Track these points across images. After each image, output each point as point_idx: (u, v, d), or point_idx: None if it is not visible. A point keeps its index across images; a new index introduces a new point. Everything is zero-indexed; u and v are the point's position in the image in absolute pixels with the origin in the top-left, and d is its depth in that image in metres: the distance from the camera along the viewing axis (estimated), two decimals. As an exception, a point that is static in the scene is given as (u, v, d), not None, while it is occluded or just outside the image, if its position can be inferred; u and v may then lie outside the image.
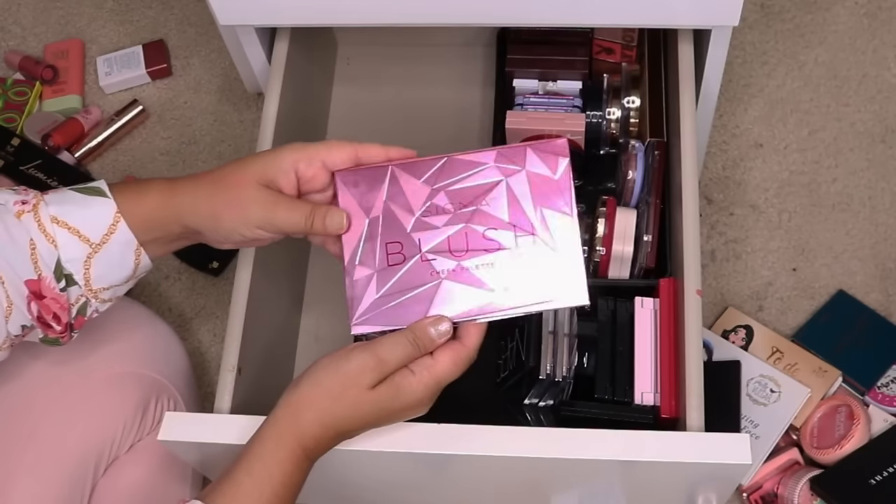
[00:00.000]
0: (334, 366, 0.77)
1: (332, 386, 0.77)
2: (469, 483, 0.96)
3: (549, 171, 0.81)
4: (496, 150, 0.82)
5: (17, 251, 0.78)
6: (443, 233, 0.81)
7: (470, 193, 0.82)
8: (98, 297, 0.83)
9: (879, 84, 1.42)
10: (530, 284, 0.80)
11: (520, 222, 0.81)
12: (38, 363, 0.96)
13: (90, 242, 0.80)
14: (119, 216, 0.81)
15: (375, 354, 0.77)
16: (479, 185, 0.82)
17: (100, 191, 0.82)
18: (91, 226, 0.80)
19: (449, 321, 0.79)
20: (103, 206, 0.81)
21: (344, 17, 1.06)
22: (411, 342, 0.78)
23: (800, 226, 1.34)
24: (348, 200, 0.83)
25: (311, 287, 1.25)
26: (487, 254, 0.80)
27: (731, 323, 1.27)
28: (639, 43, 1.17)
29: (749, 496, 1.18)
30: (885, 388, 1.20)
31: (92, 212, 0.81)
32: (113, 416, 0.99)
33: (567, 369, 0.97)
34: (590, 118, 1.13)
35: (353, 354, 0.77)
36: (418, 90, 1.35)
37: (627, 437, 0.85)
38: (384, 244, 0.81)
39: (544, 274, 0.80)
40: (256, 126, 1.30)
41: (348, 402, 0.77)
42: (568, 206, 0.81)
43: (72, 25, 1.57)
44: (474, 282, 0.80)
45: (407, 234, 0.81)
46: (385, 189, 0.82)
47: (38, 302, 0.80)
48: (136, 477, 1.02)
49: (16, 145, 1.42)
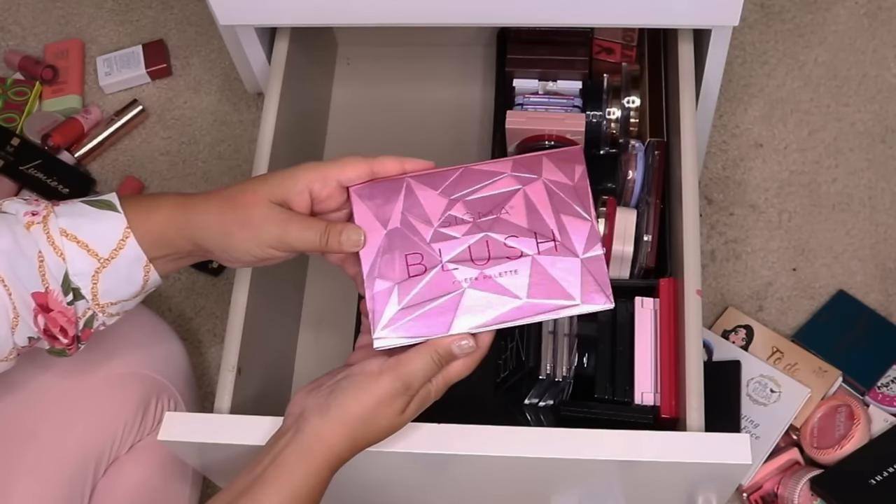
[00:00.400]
0: (365, 394, 0.77)
1: (365, 415, 0.77)
2: (469, 483, 0.96)
3: (566, 178, 0.82)
4: (512, 160, 0.83)
5: (26, 263, 0.77)
6: (463, 242, 0.81)
7: (488, 203, 0.82)
8: (105, 312, 0.82)
9: (879, 84, 1.42)
10: (555, 290, 0.80)
11: (540, 229, 0.81)
12: (46, 374, 0.96)
13: (98, 257, 0.79)
14: (129, 231, 0.80)
15: (405, 381, 0.77)
16: (497, 194, 0.82)
17: (111, 204, 0.81)
18: (100, 240, 0.79)
19: (471, 338, 0.79)
20: (113, 220, 0.80)
21: (344, 17, 1.06)
22: (436, 362, 0.78)
23: (800, 226, 1.34)
24: (364, 213, 0.82)
25: (312, 287, 1.25)
26: (510, 261, 0.80)
27: (731, 323, 1.27)
28: (639, 43, 1.17)
29: (749, 496, 1.18)
30: (885, 388, 1.20)
31: (101, 226, 0.79)
32: (113, 417, 0.99)
33: (567, 369, 0.97)
34: (590, 118, 1.13)
35: (383, 382, 0.77)
36: (418, 90, 1.35)
37: (627, 437, 0.85)
38: (404, 256, 0.81)
39: (568, 279, 0.80)
40: (256, 126, 1.30)
41: (381, 426, 0.78)
42: (587, 212, 0.81)
43: (72, 25, 1.57)
44: (498, 289, 0.80)
45: (427, 245, 0.81)
46: (401, 201, 0.82)
47: (44, 315, 0.79)
48: (136, 477, 1.02)
49: (16, 145, 1.42)
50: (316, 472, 0.76)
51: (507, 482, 0.95)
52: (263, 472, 0.75)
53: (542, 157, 0.83)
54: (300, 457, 0.76)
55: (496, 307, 0.80)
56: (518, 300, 0.80)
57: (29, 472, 0.93)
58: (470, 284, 0.80)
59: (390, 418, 0.78)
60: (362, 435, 0.77)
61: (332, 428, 0.76)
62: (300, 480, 0.75)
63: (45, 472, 0.94)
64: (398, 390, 0.77)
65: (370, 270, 0.81)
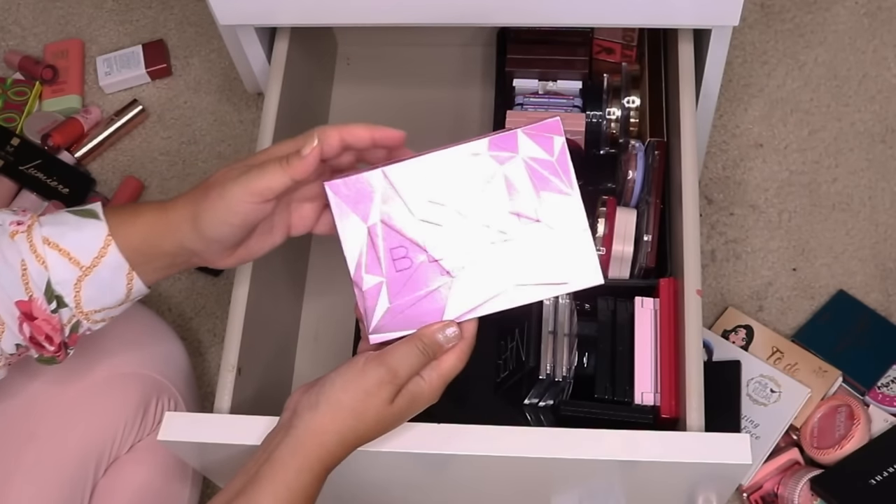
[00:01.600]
0: (352, 384, 0.77)
1: (354, 406, 0.76)
2: (469, 483, 0.96)
3: (546, 153, 0.79)
4: (488, 139, 0.80)
5: (10, 272, 0.78)
6: (446, 230, 0.80)
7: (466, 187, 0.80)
8: (90, 319, 0.82)
9: (879, 84, 1.42)
10: (542, 271, 0.79)
11: (522, 210, 0.79)
12: (45, 374, 0.96)
13: (80, 265, 0.79)
14: (110, 239, 0.79)
15: (389, 368, 0.77)
16: (475, 177, 0.80)
17: (93, 213, 0.80)
18: (82, 248, 0.79)
19: (455, 325, 0.79)
20: (95, 228, 0.80)
21: (344, 17, 1.06)
22: (421, 350, 0.78)
23: (800, 226, 1.34)
24: (342, 210, 0.80)
25: (311, 287, 1.25)
26: (494, 245, 0.79)
27: (731, 323, 1.27)
28: (639, 43, 1.17)
29: (749, 496, 1.18)
30: (885, 388, 1.20)
31: (84, 234, 0.79)
32: (113, 417, 0.99)
33: (567, 369, 0.97)
34: (590, 118, 1.13)
35: (368, 370, 0.77)
36: (418, 90, 1.35)
37: (627, 436, 0.85)
38: (388, 250, 0.80)
39: (555, 258, 0.79)
40: (256, 126, 1.30)
41: (370, 418, 0.77)
42: (568, 186, 0.79)
43: (72, 25, 1.57)
44: (485, 275, 0.79)
45: (409, 237, 0.80)
46: (379, 193, 0.80)
47: (29, 323, 0.79)
48: (136, 477, 1.02)
49: (15, 145, 1.42)
50: (309, 468, 0.75)
51: (506, 482, 0.95)
52: (258, 471, 0.75)
53: (516, 133, 0.79)
54: (293, 453, 0.76)
55: (485, 293, 0.79)
56: (507, 283, 0.79)
57: (29, 472, 0.93)
58: (457, 273, 0.79)
59: (378, 408, 0.77)
60: (352, 428, 0.77)
61: (322, 421, 0.76)
62: (293, 476, 0.75)
63: (45, 472, 0.94)
64: (383, 378, 0.76)
65: (357, 269, 0.80)
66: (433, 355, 0.79)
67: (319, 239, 1.27)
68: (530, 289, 0.79)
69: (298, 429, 0.76)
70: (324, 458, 0.76)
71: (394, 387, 0.77)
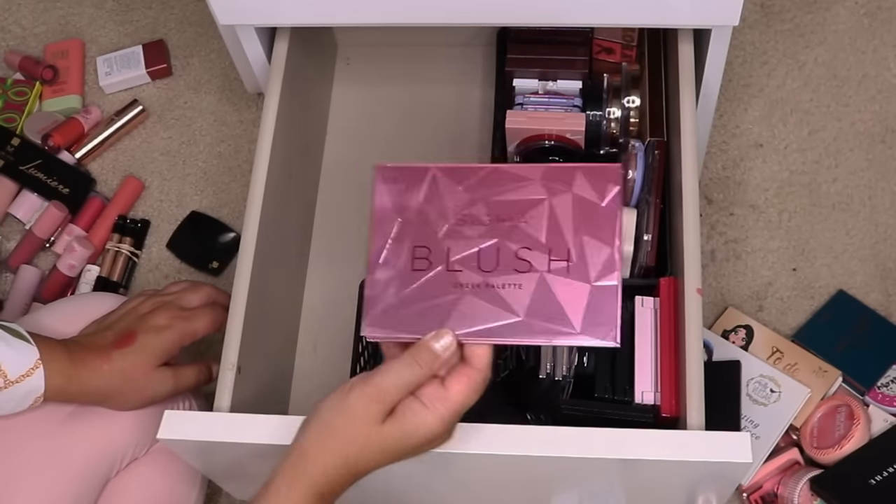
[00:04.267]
0: (339, 405, 0.75)
1: (341, 426, 0.75)
2: (469, 482, 0.96)
3: (597, 197, 0.77)
4: (544, 167, 0.79)
5: None
6: (475, 245, 0.78)
7: (510, 208, 0.78)
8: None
9: (879, 84, 1.42)
10: (555, 314, 0.76)
11: (556, 246, 0.77)
12: None
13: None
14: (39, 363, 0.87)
15: (373, 384, 0.75)
16: (521, 200, 0.78)
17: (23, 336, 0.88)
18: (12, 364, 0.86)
19: (452, 334, 0.76)
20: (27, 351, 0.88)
21: (344, 17, 1.06)
22: (410, 364, 0.75)
23: (800, 226, 1.34)
24: (384, 196, 0.79)
25: (311, 286, 1.25)
26: (517, 274, 0.77)
27: (731, 323, 1.27)
28: (639, 43, 1.17)
29: (749, 496, 1.18)
30: (885, 388, 1.20)
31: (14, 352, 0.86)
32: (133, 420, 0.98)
33: (567, 369, 0.97)
34: (590, 118, 1.13)
35: (353, 389, 0.75)
36: (418, 90, 1.35)
37: (627, 435, 0.85)
38: (412, 247, 0.78)
39: (572, 305, 0.76)
40: (256, 126, 1.30)
41: (360, 440, 0.75)
42: (610, 238, 0.76)
43: (72, 25, 1.57)
44: (498, 301, 0.76)
45: (437, 241, 0.78)
46: (423, 191, 0.79)
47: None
48: (143, 478, 1.02)
49: (16, 145, 1.42)
50: (295, 489, 0.74)
51: (506, 481, 0.95)
52: (257, 495, 0.75)
53: (576, 170, 0.78)
54: (283, 477, 0.75)
55: (491, 319, 0.76)
56: (515, 317, 0.76)
57: (34, 472, 0.93)
58: (471, 290, 0.77)
59: (367, 430, 0.75)
60: (341, 452, 0.75)
61: (310, 445, 0.76)
62: (282, 498, 0.74)
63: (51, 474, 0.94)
64: (369, 394, 0.74)
65: (375, 255, 0.79)
66: (427, 366, 0.76)
67: (319, 238, 1.27)
68: (537, 328, 0.76)
69: (294, 450, 0.76)
70: (312, 482, 0.75)
71: (382, 404, 0.75)
